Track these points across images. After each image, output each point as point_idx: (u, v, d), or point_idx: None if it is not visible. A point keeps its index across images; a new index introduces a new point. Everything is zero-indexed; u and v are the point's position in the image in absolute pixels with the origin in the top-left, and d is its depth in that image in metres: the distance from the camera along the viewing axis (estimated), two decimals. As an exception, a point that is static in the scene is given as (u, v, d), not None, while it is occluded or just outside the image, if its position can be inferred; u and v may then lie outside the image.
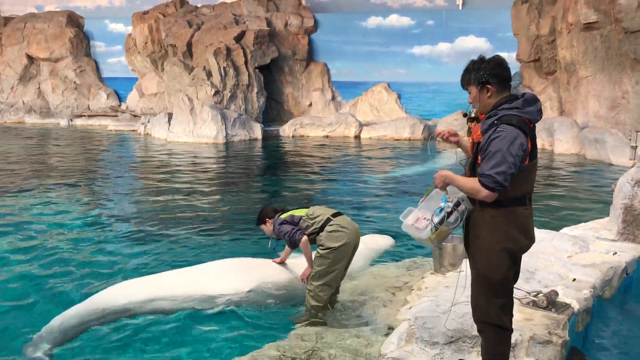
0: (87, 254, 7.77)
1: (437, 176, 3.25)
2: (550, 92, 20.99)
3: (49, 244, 8.18)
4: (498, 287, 3.22)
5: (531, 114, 3.12)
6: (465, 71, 3.30)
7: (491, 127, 3.09)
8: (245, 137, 22.33)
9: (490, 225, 3.17)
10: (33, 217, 9.90)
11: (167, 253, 7.81)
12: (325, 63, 26.85)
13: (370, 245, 7.20)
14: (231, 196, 12.09)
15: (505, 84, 3.21)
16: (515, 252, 3.22)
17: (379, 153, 19.15)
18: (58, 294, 6.21)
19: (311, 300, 5.25)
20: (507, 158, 2.96)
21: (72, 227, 9.20)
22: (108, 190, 12.71)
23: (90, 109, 29.79)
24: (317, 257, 5.26)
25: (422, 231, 3.26)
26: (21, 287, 6.46)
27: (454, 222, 3.19)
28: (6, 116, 29.38)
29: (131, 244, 8.32)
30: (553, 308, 4.45)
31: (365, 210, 10.51)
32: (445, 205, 3.19)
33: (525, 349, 3.99)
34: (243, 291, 5.61)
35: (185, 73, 24.29)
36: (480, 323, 3.35)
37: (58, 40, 29.54)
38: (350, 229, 5.29)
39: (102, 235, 8.75)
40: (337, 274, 5.31)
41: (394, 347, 4.11)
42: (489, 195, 3.02)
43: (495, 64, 3.20)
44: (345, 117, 23.71)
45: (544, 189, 12.38)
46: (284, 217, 5.44)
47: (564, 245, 6.01)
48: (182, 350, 4.91)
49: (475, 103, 3.26)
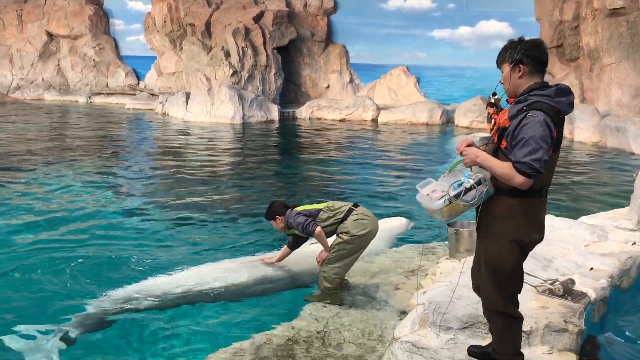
0: (103, 233, 7.80)
1: (469, 152, 3.09)
2: (572, 79, 20.66)
3: (62, 222, 8.21)
4: (507, 277, 3.18)
5: (562, 104, 3.02)
6: (502, 49, 3.20)
7: (520, 113, 2.98)
8: (261, 119, 22.31)
9: (504, 214, 3.09)
10: (49, 194, 9.98)
11: (180, 235, 7.82)
12: (344, 45, 26.66)
13: (388, 228, 7.27)
14: (247, 179, 12.10)
15: (539, 68, 3.10)
16: (526, 245, 3.15)
17: (396, 138, 19.04)
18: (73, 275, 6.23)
19: (325, 282, 5.31)
20: (542, 144, 2.88)
21: (88, 207, 9.24)
22: (124, 169, 12.80)
23: (109, 87, 29.95)
24: (339, 242, 5.29)
25: (435, 202, 3.12)
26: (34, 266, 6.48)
27: (470, 199, 3.04)
28: (26, 92, 29.64)
29: (145, 224, 8.36)
30: (569, 296, 4.40)
31: (380, 195, 10.47)
32: (466, 180, 3.05)
33: (540, 336, 3.96)
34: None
35: (203, 53, 24.28)
36: (488, 312, 3.33)
37: (78, 17, 29.64)
38: (372, 219, 5.39)
39: (117, 215, 8.80)
40: (353, 260, 5.42)
41: (408, 330, 4.10)
42: (525, 182, 2.92)
43: (532, 45, 3.10)
44: (363, 100, 23.58)
45: (563, 177, 12.24)
46: (299, 210, 5.45)
47: (582, 234, 5.93)
48: (202, 330, 4.99)
49: (505, 82, 3.16)
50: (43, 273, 6.08)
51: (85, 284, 5.87)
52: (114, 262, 6.54)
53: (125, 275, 6.06)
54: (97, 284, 5.82)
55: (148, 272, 6.07)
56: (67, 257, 6.62)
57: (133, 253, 6.87)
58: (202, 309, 5.33)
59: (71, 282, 5.91)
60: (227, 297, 5.51)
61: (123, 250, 7.02)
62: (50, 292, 5.67)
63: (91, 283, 5.87)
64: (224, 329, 5.00)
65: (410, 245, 6.96)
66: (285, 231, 5.62)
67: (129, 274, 6.10)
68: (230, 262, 6.09)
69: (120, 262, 6.52)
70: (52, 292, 5.66)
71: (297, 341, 4.41)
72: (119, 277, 6.02)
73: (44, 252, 6.83)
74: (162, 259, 6.67)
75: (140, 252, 6.95)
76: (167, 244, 7.36)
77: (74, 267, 6.27)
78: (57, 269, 6.21)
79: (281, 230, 5.65)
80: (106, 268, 6.34)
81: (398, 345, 3.89)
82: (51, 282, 5.89)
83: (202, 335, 4.87)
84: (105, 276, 6.07)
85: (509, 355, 3.32)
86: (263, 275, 5.79)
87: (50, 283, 5.86)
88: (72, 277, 6.01)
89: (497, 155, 3.10)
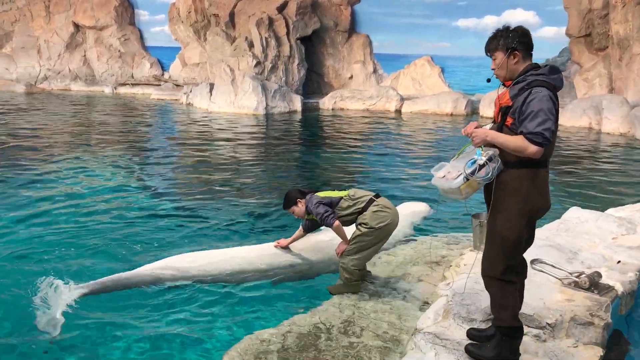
0: (127, 221, 7.93)
1: (478, 132, 3.34)
2: (600, 68, 20.27)
3: (87, 209, 8.42)
4: (511, 247, 3.36)
5: (556, 80, 3.29)
6: (492, 38, 3.44)
7: (523, 91, 3.24)
8: (284, 109, 22.34)
9: (512, 185, 3.30)
10: (75, 182, 10.17)
11: (204, 223, 7.92)
12: (368, 35, 26.50)
13: (409, 212, 7.42)
14: (269, 169, 12.14)
15: (529, 52, 3.37)
16: (533, 213, 3.36)
17: (420, 128, 18.91)
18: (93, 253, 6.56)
19: (345, 273, 5.28)
20: (550, 116, 3.15)
21: (113, 195, 9.42)
22: (150, 158, 12.96)
23: (134, 78, 30.25)
24: (357, 235, 5.25)
25: (453, 181, 3.35)
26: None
27: (484, 175, 3.28)
28: (53, 83, 30.08)
29: (169, 213, 8.47)
30: (595, 289, 4.35)
31: (404, 186, 10.43)
32: (479, 158, 3.30)
33: (566, 329, 3.93)
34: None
35: (227, 43, 24.35)
36: (487, 278, 3.50)
37: (103, 8, 29.94)
38: (393, 211, 5.30)
39: (142, 203, 8.96)
40: (372, 252, 5.34)
41: (431, 322, 4.10)
42: (538, 150, 3.15)
43: (523, 33, 3.36)
44: (387, 91, 23.45)
45: (590, 169, 12.05)
46: (321, 197, 5.42)
47: (609, 227, 5.85)
48: (229, 316, 5.07)
49: (501, 69, 3.40)
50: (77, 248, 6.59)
51: (112, 259, 6.28)
52: (133, 245, 6.85)
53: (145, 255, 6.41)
54: (121, 261, 6.22)
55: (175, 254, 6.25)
56: (97, 233, 7.08)
57: (157, 236, 7.15)
58: (226, 298, 5.39)
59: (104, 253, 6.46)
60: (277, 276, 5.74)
61: (146, 232, 7.33)
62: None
63: (117, 260, 6.29)
64: (249, 316, 5.06)
65: (434, 236, 6.93)
66: (305, 216, 5.62)
67: (154, 254, 6.35)
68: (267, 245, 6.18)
69: (140, 245, 6.84)
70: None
71: (321, 330, 4.43)
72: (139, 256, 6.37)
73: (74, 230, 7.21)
74: (184, 242, 6.92)
75: (166, 235, 7.24)
76: (191, 229, 7.54)
77: (104, 244, 6.74)
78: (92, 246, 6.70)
79: (302, 215, 5.63)
80: (128, 250, 6.66)
81: (421, 336, 3.89)
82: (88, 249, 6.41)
83: (226, 324, 4.94)
84: (125, 256, 6.43)
85: (509, 320, 3.48)
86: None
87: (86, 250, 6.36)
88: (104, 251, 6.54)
89: (502, 132, 3.35)
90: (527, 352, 3.70)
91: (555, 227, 6.02)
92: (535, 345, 3.81)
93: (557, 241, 5.44)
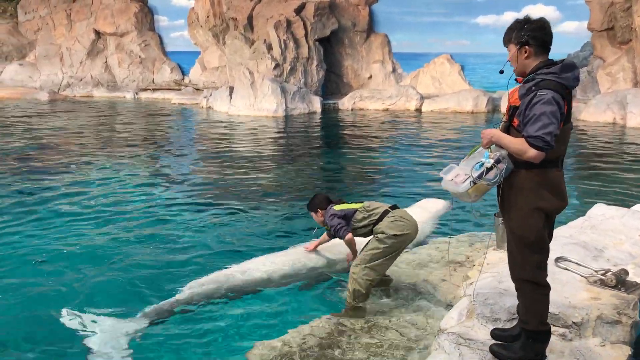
0: (153, 226, 8.02)
1: (485, 133, 3.35)
2: (624, 62, 19.94)
3: (113, 214, 8.52)
4: (533, 246, 3.31)
5: (567, 79, 3.19)
6: (508, 29, 3.37)
7: (529, 92, 3.17)
8: (304, 110, 22.38)
9: (522, 185, 3.27)
10: (101, 187, 10.31)
11: (229, 228, 7.98)
12: (386, 34, 26.43)
13: (429, 209, 7.55)
14: (290, 171, 12.17)
15: (544, 48, 3.27)
16: (549, 211, 3.32)
17: (441, 127, 18.79)
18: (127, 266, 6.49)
19: (354, 284, 5.08)
20: (552, 120, 3.08)
21: (139, 199, 9.52)
22: (173, 162, 13.07)
23: (155, 83, 30.56)
24: (373, 241, 5.15)
25: (460, 185, 3.32)
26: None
27: (492, 178, 3.25)
28: (75, 90, 30.52)
29: (193, 216, 8.54)
30: (622, 287, 4.28)
31: (424, 185, 10.38)
32: (487, 160, 3.26)
33: (592, 328, 3.87)
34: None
35: (246, 46, 24.47)
36: (517, 281, 3.44)
37: (123, 15, 30.31)
38: (411, 221, 5.19)
39: (167, 208, 9.03)
40: (385, 262, 5.13)
41: (454, 322, 4.07)
42: (538, 155, 3.11)
43: (537, 27, 3.25)
44: (406, 90, 23.35)
45: (615, 164, 11.86)
46: (337, 210, 5.39)
47: (636, 223, 5.75)
48: (251, 319, 5.10)
49: (513, 62, 3.36)
50: (108, 264, 6.43)
51: (144, 279, 6.07)
52: (168, 255, 6.79)
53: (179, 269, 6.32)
54: (154, 278, 6.06)
55: (207, 263, 6.33)
56: (127, 251, 6.91)
57: (189, 243, 7.17)
58: (246, 301, 5.41)
59: (136, 275, 6.14)
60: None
61: (178, 239, 7.36)
62: (119, 283, 5.94)
63: (147, 278, 6.07)
64: (270, 319, 5.08)
65: (454, 235, 6.89)
66: (324, 225, 5.63)
67: (189, 268, 6.31)
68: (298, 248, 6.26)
69: (177, 256, 6.76)
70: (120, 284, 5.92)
71: (343, 331, 4.44)
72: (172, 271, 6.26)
73: (102, 245, 7.14)
74: (217, 250, 6.95)
75: (196, 242, 7.24)
76: (219, 235, 7.58)
77: (135, 262, 6.54)
78: (119, 264, 6.48)
79: (320, 223, 5.66)
80: (162, 263, 6.56)
81: (445, 336, 3.87)
82: (119, 276, 6.13)
83: (247, 326, 4.96)
84: (159, 268, 6.33)
85: (536, 324, 3.43)
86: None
87: (118, 276, 6.11)
88: (136, 271, 6.25)
89: (509, 133, 3.33)
90: (552, 351, 3.65)
91: (580, 224, 5.93)
92: (561, 344, 3.77)
93: (582, 239, 5.36)
